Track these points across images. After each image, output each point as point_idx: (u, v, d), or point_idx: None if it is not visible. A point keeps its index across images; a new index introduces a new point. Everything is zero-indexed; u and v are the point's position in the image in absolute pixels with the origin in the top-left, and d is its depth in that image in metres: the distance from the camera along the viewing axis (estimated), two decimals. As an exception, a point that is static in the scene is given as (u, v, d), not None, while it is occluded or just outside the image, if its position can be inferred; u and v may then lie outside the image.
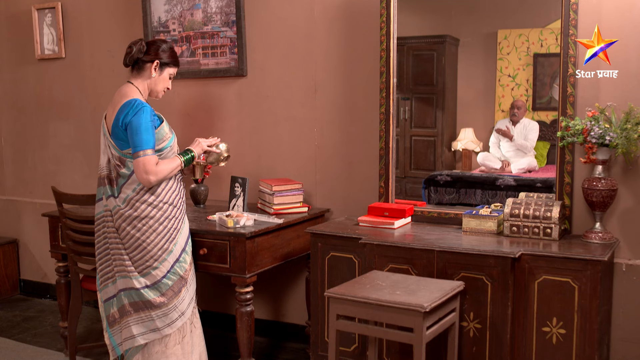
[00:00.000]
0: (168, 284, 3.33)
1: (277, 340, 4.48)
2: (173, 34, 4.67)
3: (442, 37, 3.99)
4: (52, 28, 5.28)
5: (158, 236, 3.31)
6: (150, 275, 3.31)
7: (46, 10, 5.27)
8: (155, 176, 3.24)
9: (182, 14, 4.63)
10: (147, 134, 3.22)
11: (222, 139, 4.49)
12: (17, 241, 5.71)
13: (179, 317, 3.36)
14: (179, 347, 3.39)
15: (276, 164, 4.36)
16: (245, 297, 3.59)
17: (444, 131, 4.03)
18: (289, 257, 3.87)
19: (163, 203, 3.33)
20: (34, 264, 5.64)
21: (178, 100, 4.71)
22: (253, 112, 4.44)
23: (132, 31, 4.82)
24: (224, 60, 4.50)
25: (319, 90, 4.18)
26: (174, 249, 3.35)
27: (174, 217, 3.36)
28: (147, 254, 3.30)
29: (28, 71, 5.47)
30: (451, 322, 3.01)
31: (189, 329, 3.44)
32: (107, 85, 5.02)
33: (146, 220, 3.30)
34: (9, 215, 5.73)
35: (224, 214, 3.72)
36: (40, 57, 5.36)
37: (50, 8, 5.23)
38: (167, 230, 3.34)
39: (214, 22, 4.51)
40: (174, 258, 3.34)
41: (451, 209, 3.73)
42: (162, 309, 3.33)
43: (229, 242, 3.57)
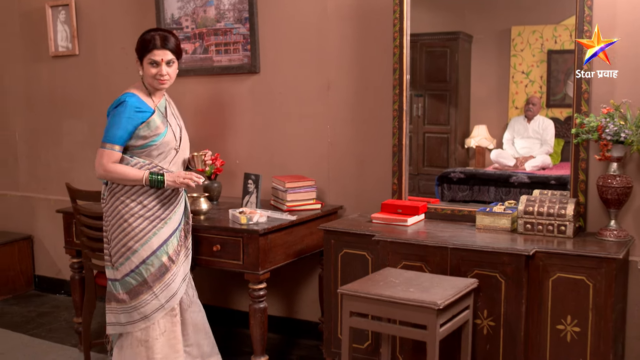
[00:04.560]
0: (131, 282, 3.35)
1: (290, 337, 4.48)
2: (186, 30, 4.68)
3: (456, 33, 3.98)
4: (65, 25, 5.30)
5: (122, 233, 3.33)
6: (117, 270, 3.37)
7: (60, 7, 5.29)
8: (104, 172, 3.30)
9: (195, 10, 4.64)
10: (116, 129, 3.27)
11: (234, 137, 4.52)
12: (32, 237, 5.74)
13: (141, 320, 3.36)
14: (143, 349, 3.38)
15: (289, 161, 4.36)
16: (258, 293, 3.60)
17: (457, 128, 4.01)
18: (302, 254, 3.87)
19: (131, 201, 3.33)
20: (49, 260, 5.68)
21: (191, 97, 4.71)
22: (266, 109, 4.44)
23: (145, 28, 4.77)
24: (236, 57, 4.50)
25: (332, 87, 4.17)
26: (140, 249, 3.32)
27: (144, 218, 3.33)
28: (114, 248, 3.37)
29: (42, 68, 5.50)
30: (465, 319, 3.01)
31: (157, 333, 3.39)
32: (120, 83, 5.02)
33: (113, 216, 3.36)
34: (24, 212, 5.76)
35: (237, 211, 3.73)
36: (54, 54, 5.38)
37: (64, 5, 5.25)
38: (133, 229, 3.32)
39: (226, 19, 4.52)
40: (139, 259, 3.32)
41: (465, 206, 3.72)
42: (124, 306, 3.37)
43: (242, 239, 3.57)
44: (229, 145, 4.56)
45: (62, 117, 5.44)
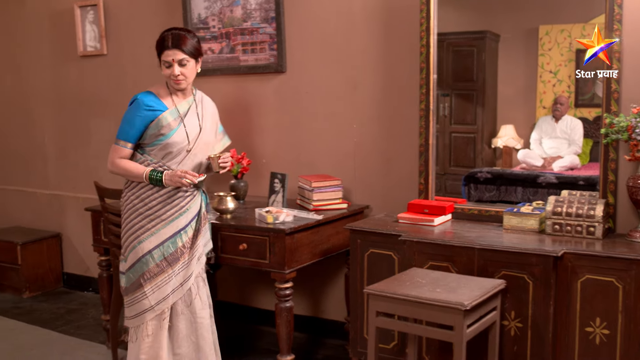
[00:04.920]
0: (130, 278, 3.38)
1: (316, 336, 4.49)
2: (213, 30, 4.70)
3: (483, 32, 3.96)
4: (94, 25, 5.35)
5: (125, 227, 3.40)
6: (124, 263, 3.43)
7: (88, 7, 5.34)
8: (111, 167, 3.42)
9: (221, 10, 4.66)
10: (126, 126, 3.39)
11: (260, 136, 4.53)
12: (61, 235, 5.81)
13: (134, 317, 3.38)
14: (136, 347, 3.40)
15: (315, 160, 4.36)
16: (284, 292, 3.61)
17: (484, 128, 3.99)
18: (328, 253, 3.88)
19: (135, 197, 3.37)
20: (77, 257, 5.74)
21: (217, 96, 4.72)
22: (292, 108, 4.45)
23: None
24: (263, 57, 4.52)
25: (358, 86, 4.17)
26: (137, 246, 3.34)
27: (144, 216, 3.34)
28: (123, 242, 3.42)
29: (70, 68, 5.56)
30: (492, 320, 2.99)
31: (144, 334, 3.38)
32: (147, 82, 5.04)
33: (124, 210, 3.43)
34: (53, 210, 5.83)
35: (264, 210, 3.74)
36: (82, 54, 5.44)
37: (92, 5, 5.30)
38: (133, 225, 3.36)
39: (253, 19, 4.53)
40: (135, 256, 3.35)
41: (492, 206, 3.70)
42: (125, 300, 3.42)
43: (268, 238, 3.59)
44: (255, 144, 4.57)
45: (90, 116, 5.49)
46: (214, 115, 3.60)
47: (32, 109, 5.88)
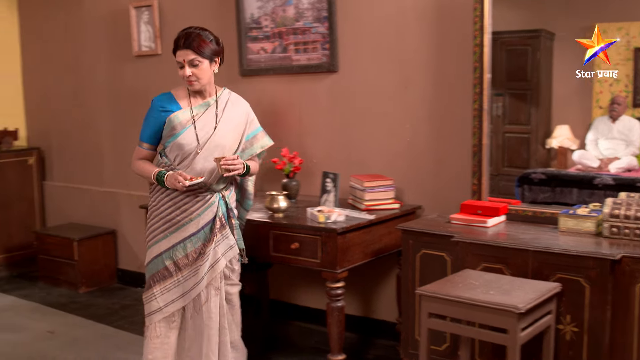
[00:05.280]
0: (146, 277, 3.44)
1: (367, 336, 4.48)
2: (265, 30, 4.73)
3: (537, 31, 3.90)
4: (149, 25, 5.43)
5: (146, 227, 3.45)
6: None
7: (143, 8, 5.42)
8: (132, 167, 3.50)
9: (274, 10, 4.69)
10: (144, 127, 3.46)
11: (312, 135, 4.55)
12: (116, 232, 5.92)
13: (147, 316, 3.42)
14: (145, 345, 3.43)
15: (367, 159, 4.36)
16: (336, 292, 3.61)
17: (539, 128, 3.94)
18: (380, 253, 3.87)
19: (155, 199, 3.41)
20: (131, 254, 5.84)
21: (270, 95, 4.77)
22: (344, 107, 4.45)
23: (225, 28, 4.91)
24: (315, 56, 4.53)
25: (410, 86, 4.15)
26: (152, 247, 3.38)
27: (159, 219, 3.37)
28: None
29: (126, 67, 5.66)
30: (547, 324, 2.95)
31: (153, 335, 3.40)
32: (201, 81, 5.13)
33: (147, 210, 3.49)
34: (108, 207, 5.94)
35: (315, 209, 3.75)
36: (137, 54, 5.53)
37: (147, 6, 5.39)
38: (151, 226, 3.40)
39: (305, 18, 4.55)
40: (149, 257, 3.40)
41: (546, 208, 3.64)
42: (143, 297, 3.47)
43: (320, 237, 3.60)
44: (307, 143, 4.59)
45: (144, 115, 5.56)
46: (241, 117, 3.49)
47: (89, 108, 6.00)
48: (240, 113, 3.50)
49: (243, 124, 3.50)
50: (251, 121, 3.55)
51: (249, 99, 4.69)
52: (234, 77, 4.91)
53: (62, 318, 5.04)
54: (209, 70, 3.35)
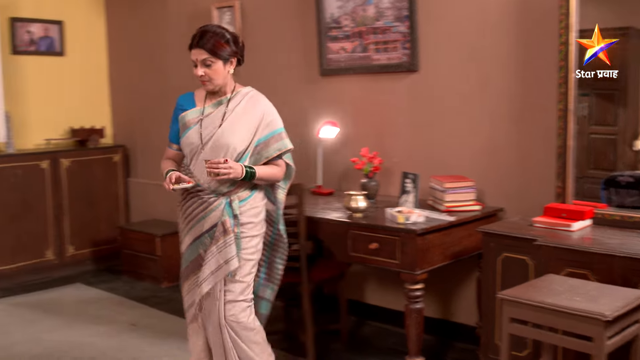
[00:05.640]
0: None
1: (445, 339, 4.44)
2: (345, 29, 4.73)
3: (625, 29, 3.76)
4: (230, 26, 5.51)
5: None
6: None
7: (225, 8, 5.51)
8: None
9: (354, 10, 4.68)
10: (170, 127, 3.47)
11: (391, 135, 4.52)
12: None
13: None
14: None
15: (447, 160, 4.31)
16: (414, 294, 3.59)
17: (626, 129, 3.80)
18: (460, 255, 3.82)
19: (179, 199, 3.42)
20: (211, 250, 5.93)
21: (349, 95, 4.77)
22: (424, 107, 4.41)
23: (306, 28, 4.94)
24: (395, 56, 4.50)
25: (491, 85, 4.08)
26: (180, 246, 3.43)
27: (180, 219, 3.41)
28: None
29: (208, 67, 5.75)
30: (634, 333, 2.85)
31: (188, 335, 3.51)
32: (282, 81, 5.18)
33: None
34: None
35: (395, 210, 3.73)
36: (220, 54, 5.62)
37: (229, 7, 5.47)
38: (179, 225, 3.44)
39: (385, 18, 4.53)
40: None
41: (635, 212, 3.52)
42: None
43: (399, 238, 3.58)
44: (387, 143, 4.57)
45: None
46: (255, 117, 3.32)
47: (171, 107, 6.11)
48: (255, 113, 3.33)
49: (255, 124, 3.32)
50: (269, 122, 3.35)
51: (328, 99, 4.74)
52: (314, 77, 4.93)
53: (144, 311, 5.18)
54: (223, 71, 3.26)
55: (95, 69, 6.74)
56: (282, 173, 3.40)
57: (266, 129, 3.34)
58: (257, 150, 3.32)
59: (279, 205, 3.48)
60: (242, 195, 3.30)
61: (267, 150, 3.34)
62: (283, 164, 3.40)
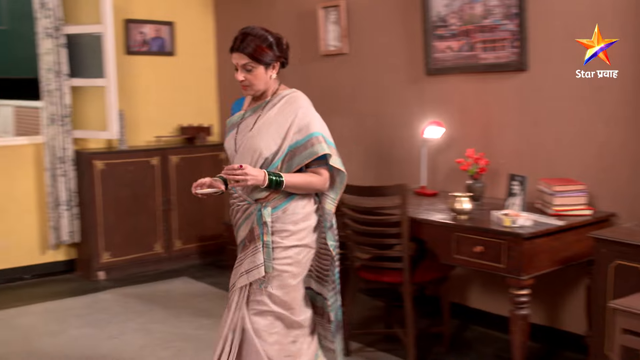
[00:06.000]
0: None
1: (551, 347, 4.29)
2: (452, 28, 4.66)
3: None
4: (336, 25, 5.54)
5: None
6: None
7: (331, 8, 5.53)
8: None
9: (461, 8, 4.60)
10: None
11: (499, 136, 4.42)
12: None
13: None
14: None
15: (556, 162, 4.16)
16: (520, 299, 3.50)
17: None
18: (569, 261, 3.69)
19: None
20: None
21: (456, 94, 4.70)
22: (533, 107, 4.28)
23: (411, 26, 4.91)
24: (503, 54, 4.40)
25: (606, 85, 3.90)
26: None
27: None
28: None
29: (313, 67, 5.80)
30: None
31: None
32: (386, 80, 5.17)
33: None
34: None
35: (501, 213, 3.65)
36: (324, 53, 5.66)
37: (334, 6, 5.49)
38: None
39: (494, 16, 4.43)
40: None
41: None
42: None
43: (505, 242, 3.49)
44: (494, 144, 4.47)
45: (330, 114, 5.66)
46: (286, 120, 3.06)
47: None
48: (286, 117, 3.07)
49: (285, 128, 3.05)
50: (303, 126, 3.05)
51: (434, 98, 4.69)
52: (419, 76, 4.89)
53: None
54: (265, 76, 3.07)
55: (204, 69, 6.93)
56: (321, 182, 3.07)
57: (298, 133, 3.04)
58: (289, 156, 3.05)
59: (326, 217, 3.17)
60: (276, 203, 3.05)
61: (299, 157, 3.03)
62: (324, 172, 3.07)
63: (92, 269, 6.03)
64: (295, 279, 3.10)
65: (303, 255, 3.12)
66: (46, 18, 5.83)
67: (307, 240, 3.12)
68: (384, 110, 5.23)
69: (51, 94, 5.94)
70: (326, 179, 3.08)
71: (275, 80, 3.17)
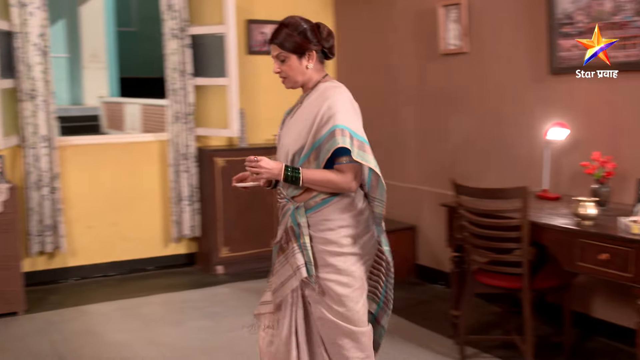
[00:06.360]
0: None
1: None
2: (578, 25, 4.47)
3: None
4: (456, 23, 5.44)
5: None
6: None
7: (451, 6, 5.45)
8: None
9: (589, 4, 4.41)
10: None
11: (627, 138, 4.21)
12: (416, 227, 6.04)
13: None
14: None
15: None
16: (649, 311, 3.32)
17: None
18: (703, 272, 3.47)
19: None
20: (430, 250, 5.92)
21: (583, 95, 4.51)
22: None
23: (535, 24, 4.75)
24: (634, 53, 4.17)
25: None
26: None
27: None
28: None
29: (432, 66, 5.73)
30: None
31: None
32: (508, 80, 5.03)
33: None
34: (411, 203, 6.07)
35: (629, 219, 3.48)
36: (443, 52, 5.57)
37: (455, 4, 5.40)
38: None
39: (625, 12, 4.21)
40: None
41: None
42: None
43: (633, 250, 3.33)
44: (622, 147, 4.25)
45: (450, 113, 5.60)
46: (312, 113, 2.86)
47: (398, 106, 6.19)
48: (314, 109, 2.87)
49: (311, 120, 2.85)
50: (329, 118, 2.80)
51: (558, 98, 4.52)
52: (543, 75, 4.73)
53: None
54: (300, 66, 2.92)
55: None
56: (343, 180, 2.81)
57: (324, 126, 2.80)
58: (316, 152, 2.83)
59: (376, 220, 2.98)
60: (310, 204, 2.88)
61: (323, 152, 2.80)
62: (346, 169, 2.81)
63: (211, 263, 6.22)
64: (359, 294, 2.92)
65: (355, 266, 2.91)
66: (172, 19, 6.06)
67: (355, 249, 2.91)
68: (505, 110, 5.10)
69: (176, 93, 6.16)
70: (350, 178, 2.82)
71: (317, 72, 2.98)
